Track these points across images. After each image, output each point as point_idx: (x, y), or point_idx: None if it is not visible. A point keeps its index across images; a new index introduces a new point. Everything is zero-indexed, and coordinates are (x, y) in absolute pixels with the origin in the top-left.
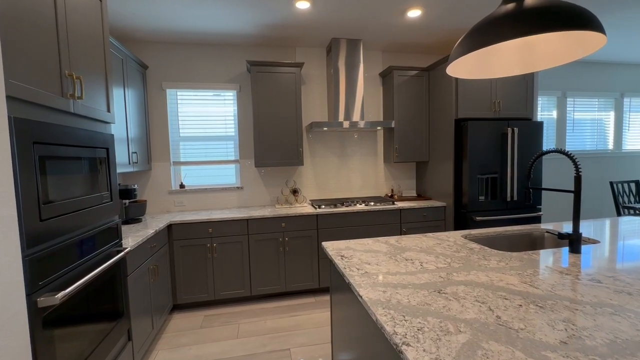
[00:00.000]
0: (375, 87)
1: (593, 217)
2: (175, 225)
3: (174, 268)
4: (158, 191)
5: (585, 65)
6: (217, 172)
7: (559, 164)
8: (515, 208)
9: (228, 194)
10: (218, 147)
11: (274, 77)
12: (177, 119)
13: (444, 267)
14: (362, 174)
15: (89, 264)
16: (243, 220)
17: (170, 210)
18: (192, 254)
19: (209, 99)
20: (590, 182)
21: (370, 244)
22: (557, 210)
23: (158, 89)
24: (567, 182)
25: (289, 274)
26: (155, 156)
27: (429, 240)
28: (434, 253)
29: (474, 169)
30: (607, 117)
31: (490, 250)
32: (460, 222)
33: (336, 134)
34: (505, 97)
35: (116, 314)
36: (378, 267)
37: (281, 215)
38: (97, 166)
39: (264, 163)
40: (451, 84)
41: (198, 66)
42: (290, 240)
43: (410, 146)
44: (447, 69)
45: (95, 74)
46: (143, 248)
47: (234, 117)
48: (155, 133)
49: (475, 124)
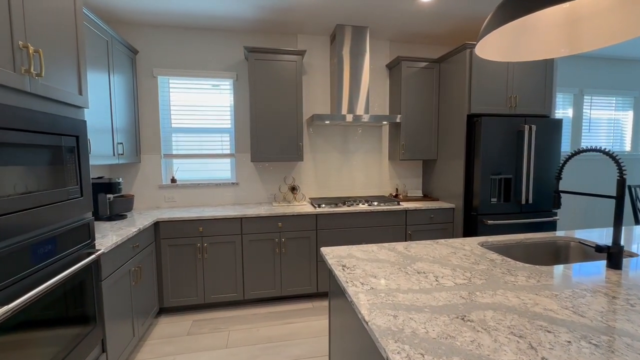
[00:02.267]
0: (381, 79)
1: (609, 223)
2: (163, 222)
3: (160, 269)
4: (147, 185)
5: (603, 62)
6: (211, 166)
7: (571, 164)
8: (529, 212)
9: (222, 190)
10: (213, 140)
11: (273, 65)
12: (168, 108)
13: (464, 284)
14: (366, 171)
15: (50, 269)
16: (237, 218)
17: (160, 206)
18: (181, 254)
19: (204, 88)
20: (606, 186)
21: (376, 251)
22: (571, 215)
23: (149, 76)
24: (580, 183)
25: (285, 277)
26: (145, 148)
27: (442, 249)
28: (449, 265)
29: (486, 168)
30: (625, 117)
31: (514, 262)
32: (470, 225)
33: (339, 129)
34: (522, 92)
35: (87, 323)
36: (386, 281)
37: (278, 214)
38: (63, 156)
39: (261, 158)
40: (464, 77)
41: (192, 52)
42: (287, 241)
43: (418, 143)
44: (476, 48)
45: (61, 49)
46: (123, 248)
47: (230, 107)
48: (145, 123)
49: (489, 120)
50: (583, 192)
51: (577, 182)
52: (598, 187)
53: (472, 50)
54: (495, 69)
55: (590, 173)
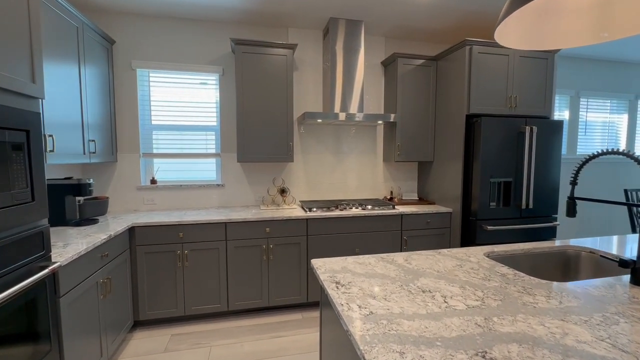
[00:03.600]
0: (376, 77)
1: (605, 228)
2: (139, 228)
3: (136, 279)
4: (124, 187)
5: (599, 64)
6: (195, 166)
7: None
8: (529, 217)
9: (207, 192)
10: (197, 138)
11: (262, 59)
12: (148, 104)
13: (477, 306)
14: (359, 173)
15: None
16: (221, 223)
17: (138, 209)
18: (159, 262)
19: (187, 83)
20: (601, 190)
21: (373, 264)
22: (567, 221)
23: (126, 69)
24: (592, 188)
25: (273, 286)
26: (122, 146)
27: (446, 261)
28: (457, 281)
29: (485, 171)
30: (620, 120)
31: (529, 278)
32: (468, 230)
33: (331, 128)
34: (523, 92)
35: (41, 345)
36: (387, 303)
37: (266, 218)
38: (7, 154)
39: (248, 158)
40: (463, 75)
41: (174, 44)
42: (275, 247)
43: (414, 144)
44: (495, 32)
45: (7, 30)
46: (89, 258)
47: (216, 104)
48: (123, 119)
49: (489, 121)
50: (591, 198)
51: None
52: (594, 191)
53: (472, 47)
54: (495, 67)
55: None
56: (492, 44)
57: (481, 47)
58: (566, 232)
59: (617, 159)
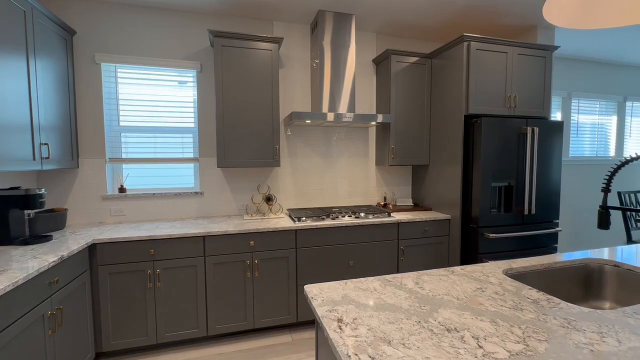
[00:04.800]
0: (367, 75)
1: (601, 231)
2: (102, 245)
3: (98, 304)
4: (88, 196)
5: (589, 65)
6: (170, 172)
7: (571, 170)
8: (531, 223)
9: (183, 201)
10: (172, 141)
11: (244, 54)
12: (116, 102)
13: (521, 351)
14: (351, 178)
15: None
16: (198, 237)
17: (104, 221)
18: (126, 283)
19: (161, 80)
20: (591, 193)
21: (379, 290)
22: (569, 225)
23: (89, 62)
24: (583, 191)
25: (259, 306)
26: (85, 150)
27: (463, 282)
28: (485, 312)
29: (486, 175)
30: (609, 122)
31: (566, 305)
32: (468, 238)
33: (320, 130)
34: (522, 92)
35: None
36: (407, 351)
37: (250, 230)
38: None
39: (229, 163)
40: (461, 73)
41: (146, 35)
42: (261, 262)
43: (409, 147)
44: (543, 8)
45: None
46: (31, 287)
47: (193, 103)
48: (85, 120)
49: (490, 122)
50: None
51: (580, 189)
52: (584, 195)
53: (470, 43)
54: (494, 65)
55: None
56: (490, 40)
57: (480, 43)
58: (568, 238)
59: (607, 160)
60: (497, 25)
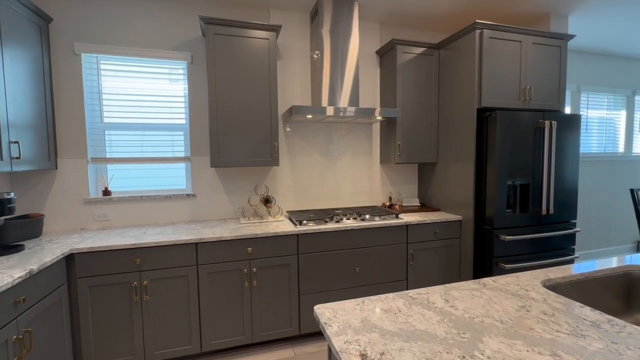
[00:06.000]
0: (370, 68)
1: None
2: (80, 255)
3: (78, 322)
4: (68, 200)
5: (598, 58)
6: (160, 173)
7: (590, 167)
8: (548, 224)
9: (174, 204)
10: (161, 140)
11: (239, 43)
12: (99, 97)
13: None
14: (354, 177)
15: None
16: (189, 244)
17: (87, 227)
18: (109, 297)
19: (148, 72)
20: (599, 190)
21: (405, 311)
22: (587, 223)
23: (68, 53)
24: (591, 189)
25: (257, 318)
26: (64, 150)
27: (500, 298)
28: (539, 341)
29: (502, 172)
30: (618, 117)
31: (633, 327)
32: (482, 241)
33: (321, 126)
34: (536, 83)
35: None
36: None
37: (247, 236)
38: None
39: (224, 162)
40: (473, 64)
41: (131, 23)
42: (259, 271)
43: (416, 143)
44: None
45: None
46: None
47: (184, 98)
48: (64, 117)
49: (506, 115)
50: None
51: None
52: (592, 192)
53: (482, 31)
54: (508, 54)
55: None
56: (504, 27)
57: (493, 31)
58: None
59: (616, 156)
60: (508, 13)
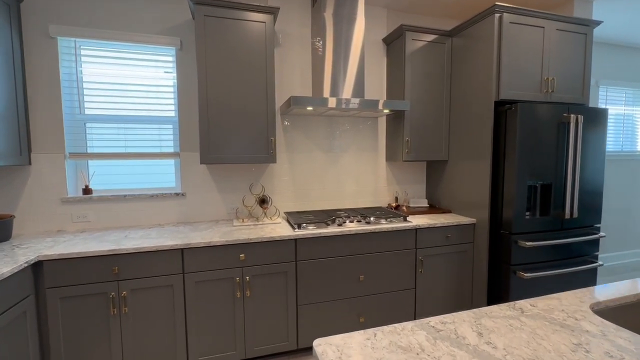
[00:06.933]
0: (376, 57)
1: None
2: (50, 262)
3: (47, 337)
4: (43, 199)
5: (614, 49)
6: (146, 169)
7: (618, 165)
8: (570, 228)
9: (162, 204)
10: (148, 133)
11: (232, 26)
12: (77, 86)
13: None
14: (357, 176)
15: None
16: (174, 250)
17: (64, 229)
18: (83, 310)
19: (134, 59)
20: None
21: (428, 348)
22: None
23: (42, 36)
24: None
25: (251, 331)
26: (39, 144)
27: (547, 331)
28: None
29: (522, 171)
30: (637, 113)
31: None
32: (499, 247)
33: (323, 120)
34: (560, 75)
35: None
36: None
37: (239, 241)
38: None
39: (215, 159)
40: (491, 52)
41: (113, 4)
42: (253, 279)
43: (425, 139)
44: None
45: None
46: None
47: (173, 88)
48: (38, 107)
49: (527, 109)
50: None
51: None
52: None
53: (502, 15)
54: (529, 42)
55: None
56: (526, 11)
57: (514, 15)
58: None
59: (634, 155)
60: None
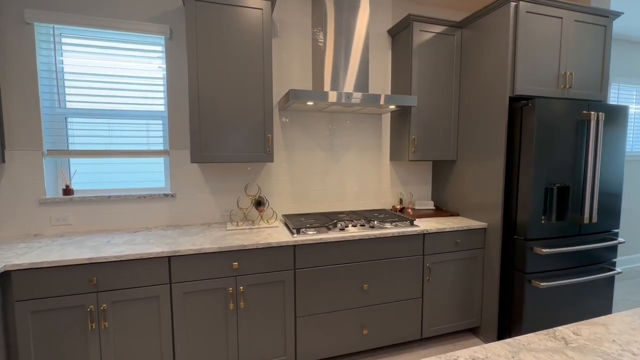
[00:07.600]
0: (380, 50)
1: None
2: (18, 272)
3: (16, 356)
4: (19, 200)
5: (630, 45)
6: (133, 167)
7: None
8: (588, 234)
9: (149, 206)
10: (135, 129)
11: (227, 14)
12: (57, 77)
13: None
14: (360, 176)
15: None
16: (160, 258)
17: (42, 232)
18: (57, 325)
19: (120, 49)
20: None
21: None
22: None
23: (16, 22)
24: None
25: (245, 345)
26: (13, 140)
27: None
28: None
29: (539, 172)
30: None
31: None
32: (512, 253)
33: (323, 117)
34: (578, 69)
35: None
36: None
37: (233, 247)
38: None
39: (207, 157)
40: (505, 44)
41: None
42: (248, 289)
43: (434, 138)
44: None
45: None
46: None
47: (163, 80)
48: (12, 100)
49: (546, 104)
50: None
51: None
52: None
53: (518, 4)
54: (546, 34)
55: None
56: (543, 0)
57: (530, 4)
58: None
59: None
60: None
